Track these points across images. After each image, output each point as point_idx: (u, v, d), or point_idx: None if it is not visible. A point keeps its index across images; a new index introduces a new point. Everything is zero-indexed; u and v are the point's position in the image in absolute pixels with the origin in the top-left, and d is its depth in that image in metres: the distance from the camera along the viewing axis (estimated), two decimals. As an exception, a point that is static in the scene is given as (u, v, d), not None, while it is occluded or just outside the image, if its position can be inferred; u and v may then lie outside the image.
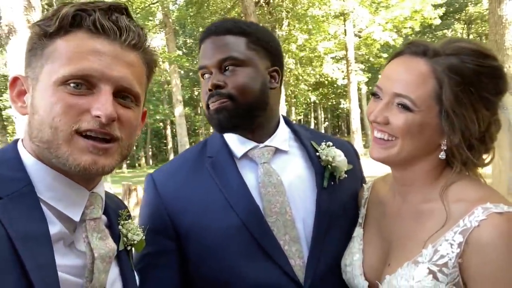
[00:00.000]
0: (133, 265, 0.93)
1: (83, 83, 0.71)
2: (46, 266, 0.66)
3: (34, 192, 0.71)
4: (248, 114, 1.11)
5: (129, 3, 15.90)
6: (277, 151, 1.18)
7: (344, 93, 24.12)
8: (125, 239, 0.89)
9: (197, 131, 35.55)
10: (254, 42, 1.12)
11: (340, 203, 1.16)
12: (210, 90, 1.08)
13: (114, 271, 0.84)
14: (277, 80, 1.17)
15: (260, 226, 1.07)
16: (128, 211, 0.96)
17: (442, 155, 0.98)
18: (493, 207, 0.87)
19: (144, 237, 0.95)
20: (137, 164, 35.12)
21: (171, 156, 29.66)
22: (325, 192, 1.14)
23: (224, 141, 1.19)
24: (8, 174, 0.71)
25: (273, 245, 1.06)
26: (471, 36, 24.60)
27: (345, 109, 29.58)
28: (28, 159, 0.74)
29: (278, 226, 1.08)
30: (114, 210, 0.92)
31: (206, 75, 1.12)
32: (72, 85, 0.71)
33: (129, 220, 0.93)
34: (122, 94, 0.76)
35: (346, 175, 1.18)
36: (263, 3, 15.27)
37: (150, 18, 18.92)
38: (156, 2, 16.08)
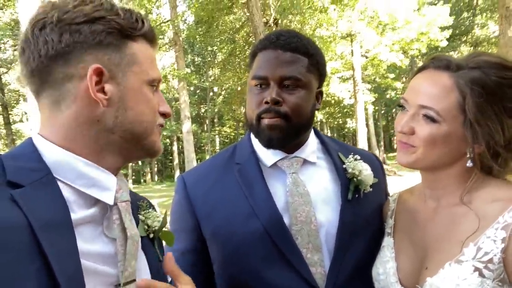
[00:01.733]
0: (159, 255, 0.94)
1: (156, 86, 0.85)
2: (68, 254, 0.66)
3: (54, 181, 0.72)
4: (296, 134, 1.15)
5: (141, 21, 16.26)
6: (305, 162, 1.20)
7: (351, 112, 24.23)
8: (145, 226, 0.91)
9: (203, 147, 35.67)
10: (313, 65, 1.15)
11: (363, 216, 1.18)
12: (267, 103, 1.09)
13: (142, 260, 0.85)
14: (320, 101, 1.21)
15: (282, 234, 1.09)
16: (149, 201, 0.98)
17: (469, 163, 1.01)
18: None
19: (169, 228, 0.98)
20: (142, 180, 35.15)
21: (177, 172, 29.68)
22: (349, 204, 1.16)
23: (253, 149, 1.22)
24: (27, 165, 0.72)
25: (294, 252, 1.09)
26: (477, 58, 24.65)
27: (351, 129, 29.66)
28: (55, 151, 0.75)
29: (303, 234, 1.10)
30: (133, 202, 0.94)
31: (261, 86, 1.13)
32: (153, 86, 0.83)
33: (150, 209, 0.94)
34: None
35: (371, 189, 1.20)
36: (272, 24, 15.55)
37: (161, 36, 19.31)
38: (167, 21, 16.44)
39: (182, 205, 1.21)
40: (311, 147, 1.22)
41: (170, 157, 34.63)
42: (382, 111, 35.88)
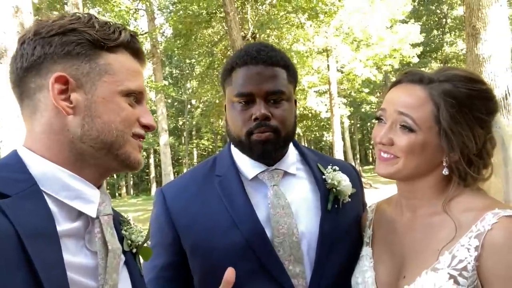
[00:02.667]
0: (141, 270, 0.94)
1: (136, 97, 0.84)
2: (54, 264, 0.66)
3: (40, 192, 0.72)
4: (285, 145, 1.18)
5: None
6: (285, 173, 1.21)
7: (327, 126, 24.59)
8: (129, 241, 0.91)
9: (180, 160, 35.26)
10: (291, 76, 1.18)
11: (343, 226, 1.19)
12: (256, 119, 1.10)
13: (124, 275, 0.85)
14: (296, 110, 1.23)
15: (264, 247, 1.09)
16: (127, 218, 0.98)
17: (445, 171, 1.06)
18: (502, 212, 0.95)
19: (149, 243, 0.98)
20: (117, 194, 34.30)
21: (154, 186, 29.14)
22: (328, 215, 1.17)
23: (233, 161, 1.22)
24: (13, 176, 0.72)
25: (276, 265, 1.09)
26: (447, 75, 25.69)
27: (328, 142, 30.08)
28: (39, 162, 0.76)
29: (284, 246, 1.10)
30: (115, 217, 0.94)
31: (245, 102, 1.13)
32: (131, 98, 0.83)
33: (131, 225, 0.94)
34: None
35: (349, 199, 1.22)
36: (250, 38, 15.74)
37: (138, 48, 19.14)
38: (145, 33, 16.36)
39: (160, 218, 1.19)
40: (291, 158, 1.24)
41: (147, 170, 34.04)
42: (358, 125, 36.60)
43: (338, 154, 17.89)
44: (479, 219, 0.97)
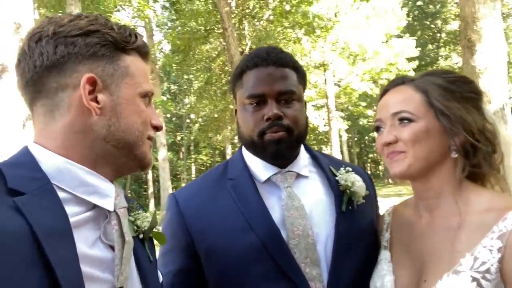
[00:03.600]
0: (150, 256, 0.93)
1: (149, 99, 0.87)
2: (69, 261, 0.67)
3: (54, 189, 0.73)
4: (297, 145, 1.20)
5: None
6: (298, 176, 1.21)
7: (326, 139, 24.65)
8: (135, 227, 0.91)
9: (178, 176, 35.11)
10: (301, 77, 1.21)
11: (358, 228, 1.19)
12: (269, 119, 1.11)
13: (131, 264, 0.85)
14: (306, 111, 1.25)
15: (280, 249, 1.09)
16: (138, 203, 0.98)
17: (454, 154, 1.06)
18: None
19: (159, 227, 0.98)
20: (114, 210, 33.98)
21: (152, 202, 28.93)
22: (343, 216, 1.17)
23: (245, 165, 1.22)
24: (26, 173, 0.73)
25: (293, 267, 1.07)
26: (443, 88, 26.02)
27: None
28: (55, 159, 0.76)
29: (300, 249, 1.10)
30: None
31: (257, 103, 1.14)
32: (147, 98, 0.86)
33: (140, 211, 0.95)
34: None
35: (364, 201, 1.22)
36: (248, 53, 15.91)
37: (136, 64, 19.31)
38: (143, 49, 16.49)
39: (174, 222, 1.19)
40: (303, 161, 1.24)
41: (145, 186, 33.85)
42: (355, 138, 36.72)
43: (337, 168, 17.86)
44: (500, 219, 0.95)
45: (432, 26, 26.00)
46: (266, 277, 1.07)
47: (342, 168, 1.24)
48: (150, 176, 30.07)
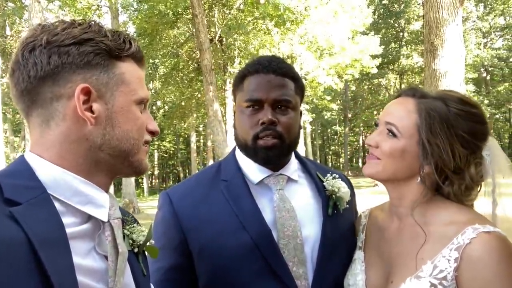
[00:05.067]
0: (143, 270, 0.95)
1: (144, 105, 0.88)
2: (65, 269, 0.68)
3: (50, 198, 0.73)
4: (289, 152, 1.25)
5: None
6: (289, 179, 1.28)
7: (290, 131, 24.94)
8: (130, 240, 0.92)
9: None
10: (299, 88, 1.26)
11: (341, 230, 1.28)
12: (263, 123, 1.16)
13: (128, 275, 0.87)
14: (300, 120, 1.30)
15: (271, 248, 1.15)
16: (133, 217, 1.00)
17: (418, 180, 1.15)
18: (481, 227, 1.03)
19: (152, 242, 0.98)
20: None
21: (111, 188, 28.03)
22: (329, 219, 1.25)
23: (238, 166, 1.27)
24: (23, 183, 0.73)
25: (282, 266, 1.14)
26: (403, 86, 27.19)
27: (290, 147, 30.45)
28: (50, 169, 0.77)
29: (289, 248, 1.17)
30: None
31: (254, 108, 1.19)
32: (142, 105, 0.86)
33: (134, 224, 0.96)
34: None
35: (347, 205, 1.30)
36: (217, 41, 15.74)
37: (99, 45, 18.50)
38: (107, 31, 15.83)
39: (167, 220, 1.21)
40: (294, 165, 1.31)
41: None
42: (319, 131, 37.52)
43: (300, 159, 18.21)
44: (460, 233, 1.04)
45: (396, 25, 26.90)
46: (256, 275, 1.13)
47: (328, 175, 1.32)
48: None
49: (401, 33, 26.78)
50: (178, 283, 1.18)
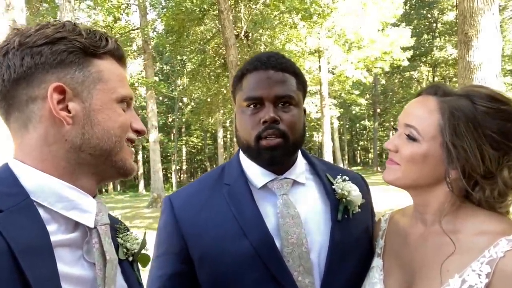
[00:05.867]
0: (139, 278, 0.93)
1: (127, 103, 0.85)
2: (48, 277, 0.66)
3: (33, 205, 0.72)
4: (293, 152, 1.17)
5: (109, 28, 15.94)
6: (295, 183, 1.20)
7: (318, 126, 24.72)
8: (124, 249, 0.90)
9: (169, 157, 35.03)
10: (301, 83, 1.19)
11: (353, 237, 1.19)
12: (265, 122, 1.10)
13: (120, 283, 0.84)
14: (305, 118, 1.23)
15: (273, 256, 1.09)
16: (125, 225, 0.97)
17: (444, 186, 1.03)
18: None
19: (147, 249, 0.97)
20: (104, 190, 33.92)
21: (141, 183, 28.87)
22: (339, 225, 1.16)
23: (241, 170, 1.21)
24: (5, 190, 0.71)
25: (286, 275, 1.08)
26: (436, 79, 26.19)
27: (317, 142, 30.23)
28: (33, 174, 0.75)
29: (294, 257, 1.10)
30: (111, 224, 0.94)
31: (255, 106, 1.13)
32: (125, 103, 0.84)
33: (127, 232, 0.94)
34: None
35: (359, 210, 1.21)
36: (243, 37, 15.71)
37: (129, 43, 18.98)
38: (136, 29, 16.19)
39: (168, 226, 1.18)
40: (300, 167, 1.23)
41: (135, 167, 33.62)
42: (347, 126, 36.92)
43: (328, 155, 18.04)
44: (492, 244, 0.93)
45: (429, 15, 25.89)
46: (258, 284, 1.08)
47: (339, 177, 1.23)
48: (140, 157, 29.93)
49: (434, 24, 25.75)
50: None
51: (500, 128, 1.00)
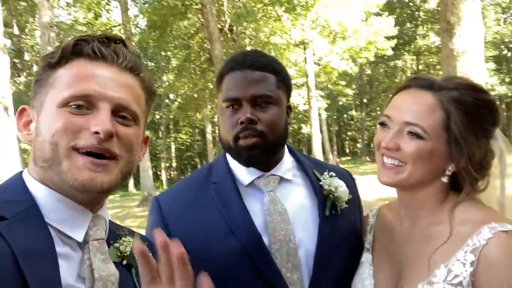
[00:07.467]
0: (137, 283, 0.90)
1: (83, 105, 0.76)
2: (50, 281, 0.67)
3: (39, 212, 0.73)
4: (274, 150, 1.16)
5: (89, 25, 15.65)
6: (282, 179, 1.20)
7: (305, 118, 24.78)
8: (118, 253, 0.88)
9: (158, 155, 34.76)
10: (281, 81, 1.17)
11: (341, 232, 1.19)
12: (242, 123, 1.09)
13: None
14: (290, 115, 1.23)
15: (261, 253, 1.09)
16: (129, 230, 0.96)
17: (445, 180, 1.06)
18: (498, 226, 0.93)
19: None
20: (92, 190, 33.54)
21: (131, 182, 28.59)
22: (326, 221, 1.17)
23: (228, 168, 1.21)
24: (12, 198, 0.74)
25: (274, 272, 1.08)
26: (420, 67, 26.46)
27: (306, 134, 30.38)
28: (33, 185, 0.78)
29: (282, 253, 1.10)
30: (114, 233, 0.92)
31: (233, 107, 1.13)
32: (73, 106, 0.75)
33: (128, 237, 0.92)
34: (121, 114, 0.79)
35: (346, 205, 1.22)
36: (227, 30, 15.59)
37: (111, 40, 18.63)
38: (118, 25, 15.93)
39: (155, 226, 1.16)
40: (287, 164, 1.23)
41: (123, 166, 33.25)
42: (335, 117, 37.10)
43: (316, 146, 18.13)
44: (475, 233, 0.94)
45: (411, 4, 26.05)
46: (247, 282, 1.08)
47: (326, 173, 1.23)
48: (128, 156, 29.56)
49: (417, 12, 25.96)
50: None
51: (492, 119, 1.06)
